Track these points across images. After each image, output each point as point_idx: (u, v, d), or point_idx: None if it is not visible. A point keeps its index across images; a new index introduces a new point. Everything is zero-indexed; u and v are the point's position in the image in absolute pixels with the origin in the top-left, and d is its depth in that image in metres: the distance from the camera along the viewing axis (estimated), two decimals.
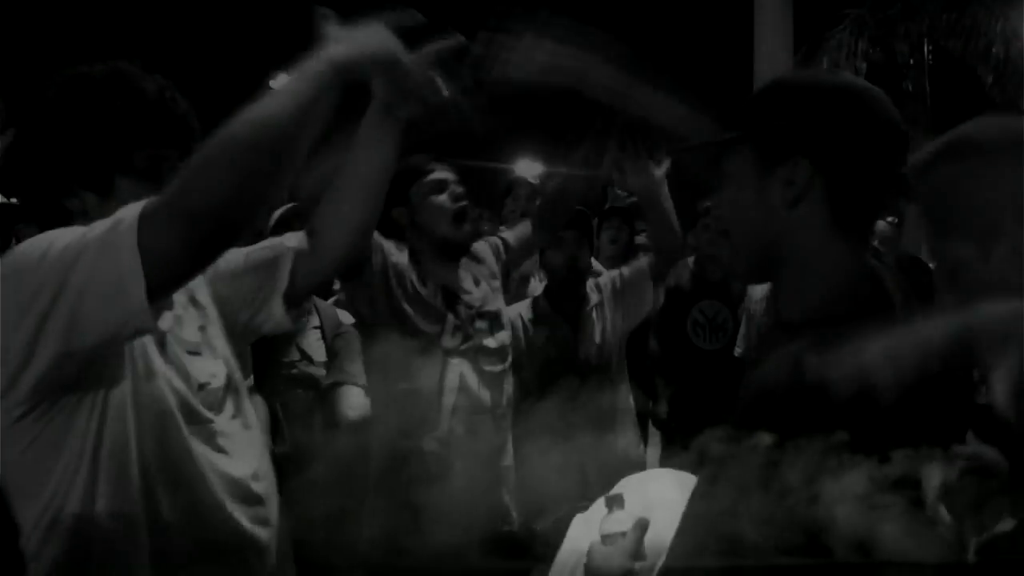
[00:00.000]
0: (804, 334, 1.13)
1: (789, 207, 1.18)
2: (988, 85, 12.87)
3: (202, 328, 1.64)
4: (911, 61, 13.71)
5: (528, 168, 13.30)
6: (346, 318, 3.49)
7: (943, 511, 0.96)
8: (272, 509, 1.66)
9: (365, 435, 2.56)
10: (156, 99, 1.53)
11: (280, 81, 1.36)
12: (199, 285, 1.66)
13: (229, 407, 1.62)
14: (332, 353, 3.31)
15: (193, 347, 1.59)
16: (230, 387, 1.64)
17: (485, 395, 2.68)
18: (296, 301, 1.75)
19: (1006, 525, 1.28)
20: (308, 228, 1.77)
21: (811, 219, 1.19)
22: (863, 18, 13.53)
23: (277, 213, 3.69)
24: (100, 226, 1.32)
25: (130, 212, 1.29)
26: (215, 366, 1.62)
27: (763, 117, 1.22)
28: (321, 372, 3.35)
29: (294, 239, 1.76)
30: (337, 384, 2.88)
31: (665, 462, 4.48)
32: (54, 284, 1.29)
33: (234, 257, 1.71)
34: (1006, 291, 1.30)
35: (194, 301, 1.65)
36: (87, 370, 1.39)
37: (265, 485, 1.65)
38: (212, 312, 1.68)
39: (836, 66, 12.70)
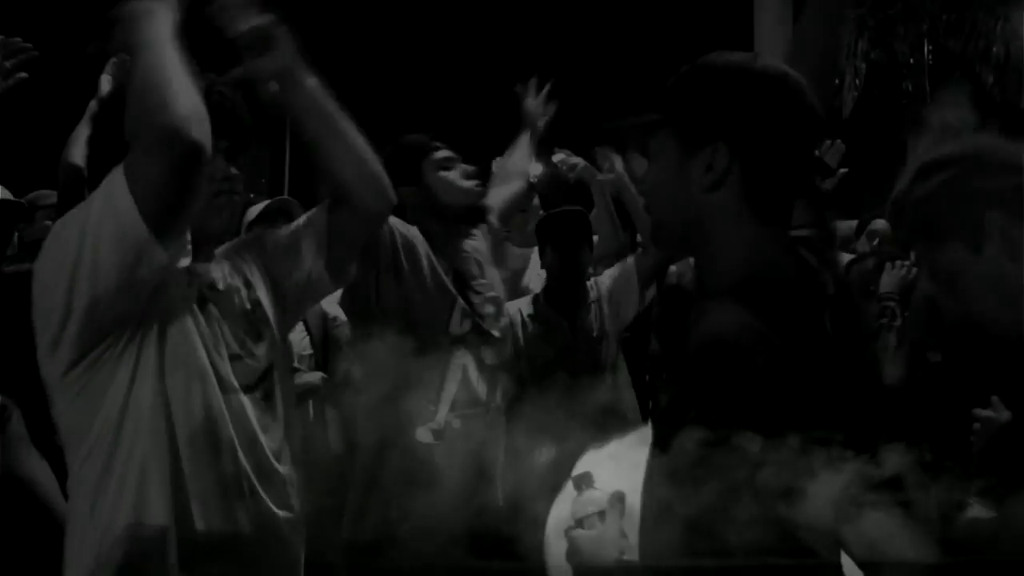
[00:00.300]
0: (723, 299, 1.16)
1: (708, 190, 1.21)
2: (988, 85, 12.88)
3: (252, 309, 1.76)
4: (911, 61, 13.71)
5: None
6: (332, 310, 3.48)
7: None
8: (292, 495, 1.73)
9: (353, 430, 2.56)
10: (206, 93, 1.63)
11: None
12: (253, 269, 1.81)
13: (263, 387, 1.73)
14: (333, 344, 3.32)
15: (240, 323, 1.72)
16: (270, 369, 1.74)
17: (482, 389, 2.67)
18: (342, 260, 1.88)
19: (976, 511, 1.31)
20: (329, 198, 1.89)
21: (729, 202, 1.21)
22: (863, 18, 13.53)
23: (260, 206, 3.69)
24: (101, 187, 1.52)
25: (119, 167, 1.50)
26: (258, 347, 1.73)
27: (685, 101, 1.24)
28: (316, 376, 3.36)
29: (327, 207, 1.89)
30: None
31: None
32: (75, 243, 1.50)
33: (278, 237, 1.89)
34: (1003, 284, 1.32)
35: (248, 283, 1.78)
36: (123, 315, 1.55)
37: (288, 471, 1.73)
38: (264, 292, 1.80)
39: (836, 66, 12.68)
